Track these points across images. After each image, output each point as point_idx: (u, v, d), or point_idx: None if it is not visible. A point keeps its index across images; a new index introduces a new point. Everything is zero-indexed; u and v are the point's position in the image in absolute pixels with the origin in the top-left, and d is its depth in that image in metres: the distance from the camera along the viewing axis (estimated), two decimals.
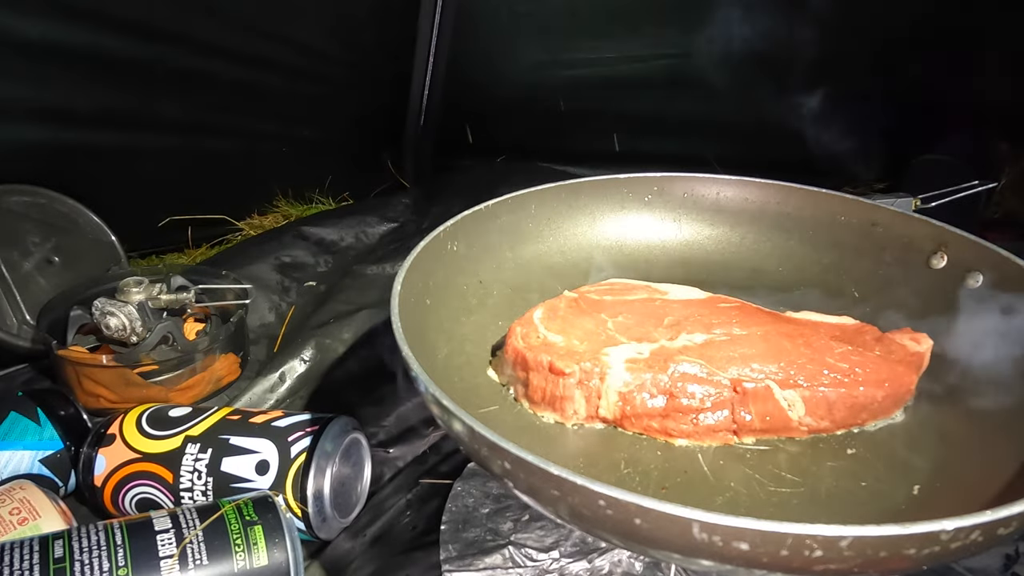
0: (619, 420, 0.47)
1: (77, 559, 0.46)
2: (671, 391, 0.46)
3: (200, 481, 0.57)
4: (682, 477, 0.44)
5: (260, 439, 0.58)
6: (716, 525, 0.29)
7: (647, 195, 0.65)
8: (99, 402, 0.73)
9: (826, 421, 0.46)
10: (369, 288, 0.96)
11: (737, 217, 0.65)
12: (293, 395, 0.79)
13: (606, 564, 0.53)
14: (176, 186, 1.09)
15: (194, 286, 0.79)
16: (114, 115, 0.97)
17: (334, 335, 0.85)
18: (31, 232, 0.85)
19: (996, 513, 0.29)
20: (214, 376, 0.77)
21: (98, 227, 0.90)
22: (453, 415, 0.36)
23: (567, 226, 0.64)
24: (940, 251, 0.55)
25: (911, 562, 0.30)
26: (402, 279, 0.48)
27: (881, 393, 0.46)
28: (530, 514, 0.57)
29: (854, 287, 0.59)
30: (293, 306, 0.95)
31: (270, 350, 0.86)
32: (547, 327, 0.50)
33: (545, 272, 0.61)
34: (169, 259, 1.09)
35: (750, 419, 0.46)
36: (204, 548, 0.48)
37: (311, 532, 0.57)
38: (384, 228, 1.16)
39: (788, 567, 0.30)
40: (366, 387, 0.79)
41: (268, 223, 1.21)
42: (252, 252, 1.03)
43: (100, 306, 0.72)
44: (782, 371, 0.46)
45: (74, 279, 0.84)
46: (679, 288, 0.57)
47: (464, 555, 0.54)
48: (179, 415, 0.61)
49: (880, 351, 0.49)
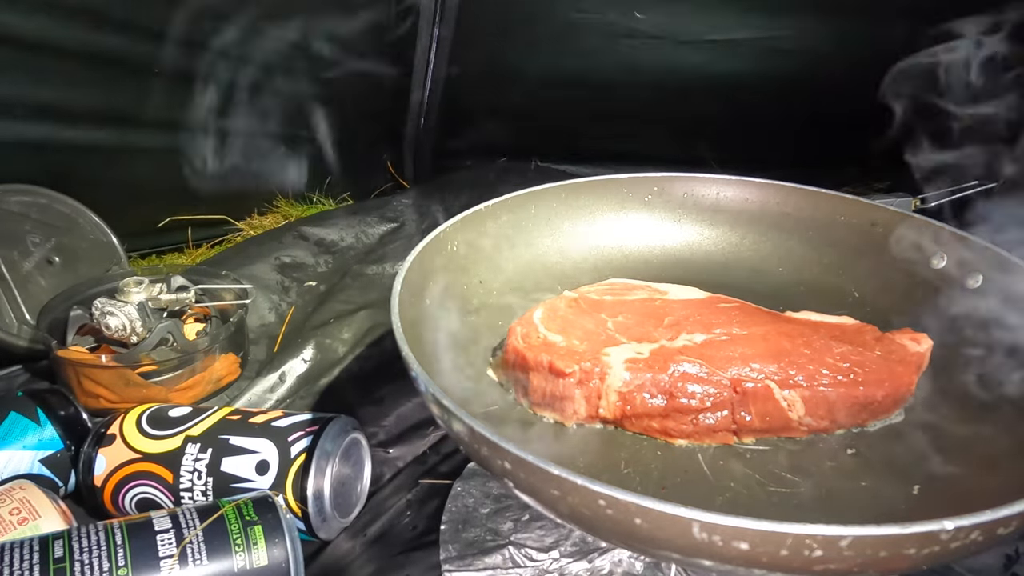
0: (619, 420, 0.47)
1: (77, 559, 0.46)
2: (671, 391, 0.46)
3: (200, 481, 0.57)
4: (682, 477, 0.44)
5: (260, 439, 0.58)
6: (716, 525, 0.29)
7: (647, 195, 0.65)
8: (99, 402, 0.73)
9: (826, 421, 0.46)
10: (369, 288, 0.96)
11: (737, 217, 0.65)
12: (293, 395, 0.79)
13: (606, 564, 0.53)
14: (177, 188, 1.09)
15: (194, 286, 0.79)
16: (115, 118, 0.97)
17: (334, 335, 0.85)
18: (31, 232, 0.85)
19: (996, 513, 0.30)
20: (214, 376, 0.77)
21: (98, 227, 0.90)
22: (453, 415, 0.36)
23: (567, 226, 0.64)
24: (940, 251, 0.55)
25: (911, 562, 0.30)
26: (402, 279, 0.48)
27: (881, 393, 0.46)
28: (530, 514, 0.57)
29: (854, 287, 0.59)
30: (293, 306, 0.95)
31: (270, 350, 0.86)
32: (547, 327, 0.50)
33: (545, 272, 0.61)
34: (169, 259, 1.09)
35: (750, 419, 0.46)
36: (204, 548, 0.48)
37: (311, 532, 0.57)
38: (384, 228, 1.16)
39: (788, 567, 0.30)
40: (366, 387, 0.79)
41: (268, 223, 1.21)
42: (252, 252, 1.03)
43: (100, 306, 0.72)
44: (782, 371, 0.46)
45: (74, 279, 0.84)
46: (679, 288, 0.57)
47: (464, 555, 0.54)
48: (179, 415, 0.61)
49: (880, 351, 0.49)
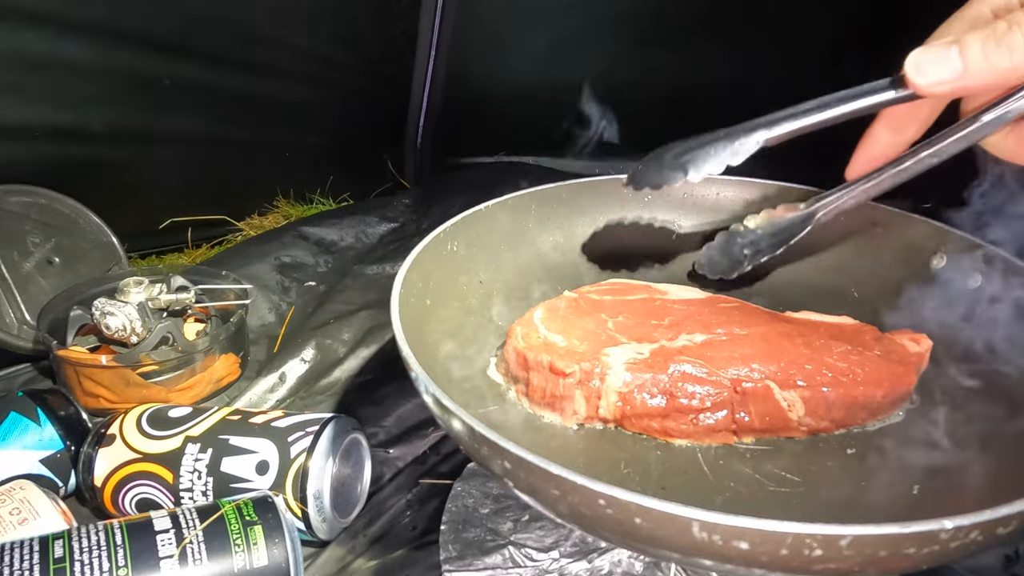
0: (619, 420, 0.47)
1: (77, 559, 0.46)
2: (671, 391, 0.46)
3: (200, 481, 0.57)
4: (682, 477, 0.44)
5: (260, 439, 0.58)
6: (716, 524, 0.29)
7: (647, 195, 0.65)
8: (99, 402, 0.73)
9: (826, 421, 0.46)
10: (369, 288, 0.96)
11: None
12: (293, 395, 0.79)
13: (606, 564, 0.53)
14: (177, 188, 1.09)
15: (194, 286, 0.79)
16: (116, 119, 0.97)
17: (334, 335, 0.85)
18: (31, 232, 0.85)
19: (995, 512, 0.29)
20: (214, 376, 0.77)
21: (99, 227, 0.90)
22: (453, 415, 0.36)
23: (567, 226, 0.64)
24: (940, 251, 0.55)
25: (911, 562, 0.30)
26: (402, 279, 0.48)
27: (880, 393, 0.46)
28: (530, 514, 0.57)
29: (854, 287, 0.59)
30: (293, 306, 0.95)
31: (270, 350, 0.86)
32: (547, 327, 0.50)
33: (545, 272, 0.61)
34: (169, 259, 1.09)
35: (749, 419, 0.46)
36: (204, 548, 0.48)
37: (311, 532, 0.57)
38: (384, 228, 1.16)
39: (788, 566, 0.30)
40: (366, 387, 0.79)
41: (268, 223, 1.21)
42: (252, 252, 1.03)
43: (100, 306, 0.72)
44: (782, 371, 0.46)
45: (74, 279, 0.84)
46: (679, 288, 0.57)
47: (464, 555, 0.54)
48: (179, 415, 0.61)
49: (880, 351, 0.49)
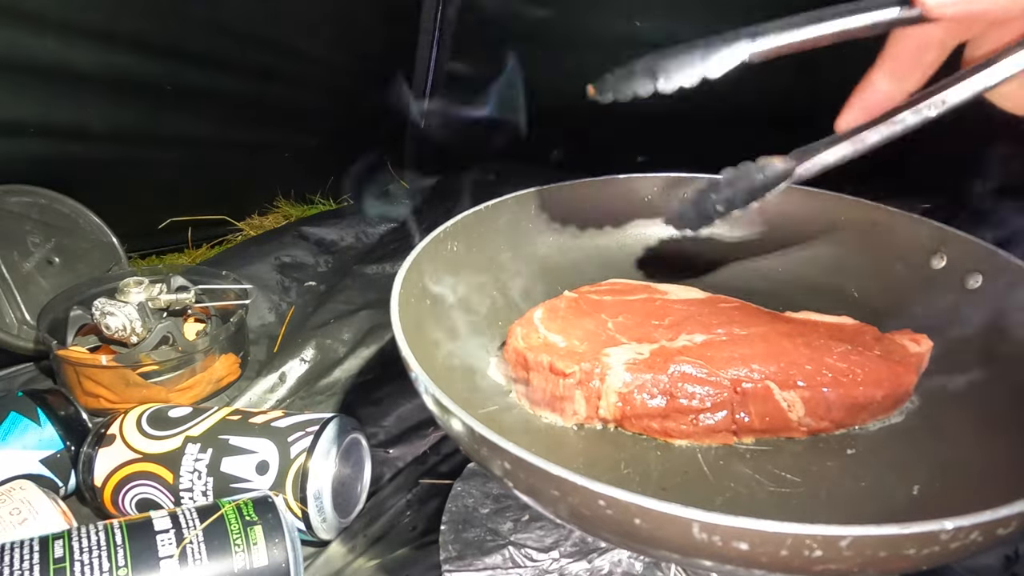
0: (619, 420, 0.47)
1: (77, 559, 0.46)
2: (671, 391, 0.46)
3: (200, 481, 0.57)
4: (682, 477, 0.44)
5: (260, 439, 0.58)
6: (716, 525, 0.29)
7: (647, 195, 0.65)
8: (99, 402, 0.73)
9: (826, 421, 0.46)
10: (369, 288, 0.96)
11: (737, 217, 0.65)
12: (293, 395, 0.79)
13: (606, 564, 0.53)
14: (177, 188, 1.09)
15: (194, 286, 0.79)
16: (118, 122, 0.97)
17: (334, 335, 0.85)
18: (31, 232, 0.85)
19: (995, 513, 0.29)
20: (214, 376, 0.77)
21: (99, 228, 0.90)
22: (453, 415, 0.36)
23: (567, 226, 0.64)
24: (940, 251, 0.55)
25: (911, 562, 0.30)
26: (402, 279, 0.48)
27: (880, 393, 0.46)
28: (530, 514, 0.57)
29: (854, 287, 0.59)
30: (293, 306, 0.95)
31: (270, 350, 0.86)
32: (547, 327, 0.50)
33: (545, 272, 0.61)
34: (169, 259, 1.09)
35: (749, 419, 0.46)
36: (204, 548, 0.48)
37: (311, 532, 0.57)
38: (384, 228, 1.16)
39: (788, 567, 0.30)
40: (366, 387, 0.79)
41: (268, 223, 1.21)
42: (252, 252, 1.03)
43: (100, 306, 0.72)
44: (782, 371, 0.46)
45: (74, 279, 0.84)
46: (679, 288, 0.57)
47: (464, 555, 0.54)
48: (179, 415, 0.61)
49: (879, 351, 0.49)
